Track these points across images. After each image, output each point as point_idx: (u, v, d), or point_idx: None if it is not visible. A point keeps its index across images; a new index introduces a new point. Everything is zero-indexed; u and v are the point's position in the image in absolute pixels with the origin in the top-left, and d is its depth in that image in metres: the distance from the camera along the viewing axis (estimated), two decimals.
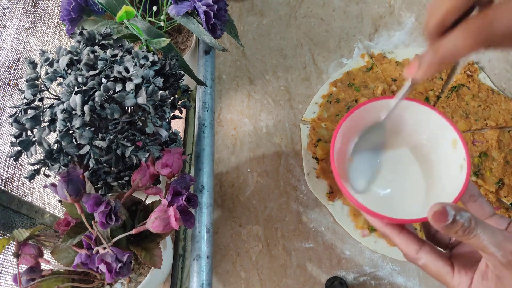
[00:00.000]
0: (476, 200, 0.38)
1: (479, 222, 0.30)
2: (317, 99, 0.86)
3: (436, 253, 0.35)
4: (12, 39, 0.62)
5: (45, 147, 0.46)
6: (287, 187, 0.78)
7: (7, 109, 0.57)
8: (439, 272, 0.35)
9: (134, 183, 0.50)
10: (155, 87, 0.47)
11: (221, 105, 0.88)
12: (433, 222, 0.30)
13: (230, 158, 0.82)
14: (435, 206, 0.30)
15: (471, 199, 0.38)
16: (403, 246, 0.36)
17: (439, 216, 0.30)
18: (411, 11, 0.94)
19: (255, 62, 0.92)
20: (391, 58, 0.87)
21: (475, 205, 0.38)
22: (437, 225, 0.30)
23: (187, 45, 0.72)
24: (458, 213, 0.30)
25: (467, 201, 0.38)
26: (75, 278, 0.50)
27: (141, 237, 0.52)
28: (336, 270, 0.70)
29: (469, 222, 0.30)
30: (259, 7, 0.99)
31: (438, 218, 0.30)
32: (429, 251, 0.35)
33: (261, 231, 0.75)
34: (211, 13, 0.60)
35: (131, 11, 0.55)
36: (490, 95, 0.81)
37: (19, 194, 0.56)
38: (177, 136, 0.60)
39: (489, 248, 0.30)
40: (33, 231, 0.47)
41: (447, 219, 0.29)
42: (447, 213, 0.29)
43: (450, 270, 0.34)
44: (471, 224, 0.30)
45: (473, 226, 0.30)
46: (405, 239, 0.36)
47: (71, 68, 0.48)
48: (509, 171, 0.73)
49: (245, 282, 0.71)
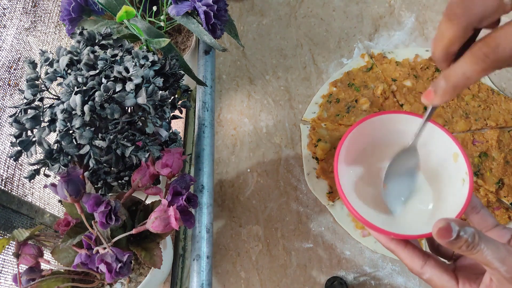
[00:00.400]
0: (478, 212, 0.38)
1: (483, 237, 0.31)
2: (317, 99, 0.86)
3: (440, 267, 0.36)
4: (12, 39, 0.62)
5: (45, 147, 0.46)
6: (287, 187, 0.78)
7: (7, 109, 0.57)
8: (444, 286, 0.35)
9: (134, 183, 0.50)
10: (155, 87, 0.47)
11: (221, 105, 0.88)
12: (437, 238, 0.30)
13: (230, 158, 0.82)
14: (439, 222, 0.30)
15: (473, 211, 0.38)
16: (408, 261, 0.37)
17: (444, 232, 0.30)
18: (411, 11, 0.94)
19: (255, 62, 0.92)
20: (391, 58, 0.87)
21: (477, 217, 0.38)
22: (442, 240, 0.30)
23: (187, 45, 0.72)
24: (462, 228, 0.30)
25: (470, 213, 0.38)
26: (75, 278, 0.50)
27: (141, 237, 0.52)
28: (336, 270, 0.70)
29: (472, 238, 0.30)
30: (259, 7, 0.99)
31: (443, 234, 0.30)
32: (434, 265, 0.36)
33: (261, 231, 0.75)
34: (211, 13, 0.60)
35: (131, 11, 0.55)
36: (490, 95, 0.81)
37: (19, 194, 0.56)
38: (177, 136, 0.60)
39: (493, 263, 0.30)
40: (33, 231, 0.47)
41: (451, 235, 0.30)
42: (451, 229, 0.30)
43: (455, 284, 0.35)
44: (475, 239, 0.30)
45: (477, 242, 0.30)
46: (410, 254, 0.37)
47: (71, 68, 0.48)
48: (509, 171, 0.73)
49: (245, 282, 0.71)
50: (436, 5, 0.94)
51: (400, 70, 0.85)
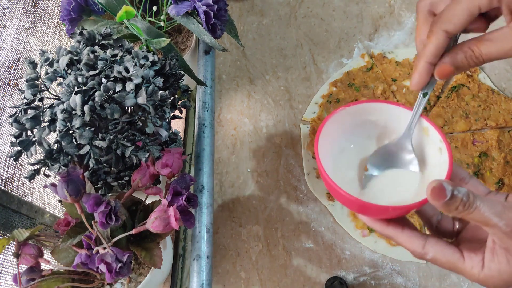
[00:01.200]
0: (468, 182, 0.38)
1: (477, 195, 0.31)
2: (317, 99, 0.86)
3: (442, 243, 0.35)
4: (12, 39, 0.62)
5: (45, 147, 0.46)
6: (287, 187, 0.78)
7: (7, 109, 0.57)
8: (450, 261, 0.34)
9: (134, 183, 0.50)
10: (155, 87, 0.47)
11: (221, 105, 0.88)
12: (432, 200, 0.30)
13: (230, 158, 0.82)
14: (432, 183, 0.30)
15: (462, 181, 0.38)
16: (408, 244, 0.36)
17: (438, 192, 0.30)
18: (411, 11, 0.94)
19: (255, 62, 0.92)
20: (391, 58, 0.87)
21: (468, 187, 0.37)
22: (437, 202, 0.30)
23: (187, 45, 0.72)
24: (455, 188, 0.30)
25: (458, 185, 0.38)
26: (75, 278, 0.50)
27: (141, 237, 0.52)
28: (336, 270, 0.70)
29: (467, 196, 0.30)
30: (259, 7, 0.99)
31: (437, 194, 0.30)
32: (435, 242, 0.35)
33: (261, 231, 0.75)
34: (211, 13, 0.60)
35: (131, 11, 0.55)
36: (490, 95, 0.81)
37: (19, 194, 0.56)
38: (177, 136, 0.60)
39: (492, 219, 0.30)
40: (33, 231, 0.47)
41: (445, 195, 0.30)
42: (444, 189, 0.30)
43: (460, 256, 0.34)
44: (470, 197, 0.30)
45: (472, 200, 0.30)
46: (408, 236, 0.36)
47: (71, 68, 0.48)
48: (509, 171, 0.73)
49: (245, 282, 0.71)
50: None
51: (400, 70, 0.85)
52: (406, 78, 0.84)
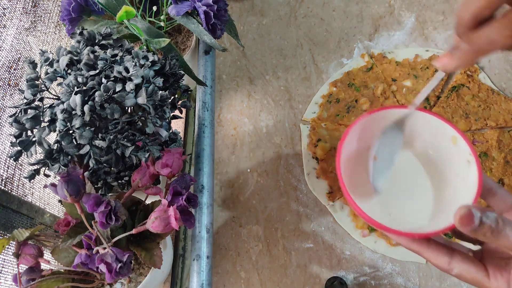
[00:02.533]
0: (495, 193, 0.36)
1: (507, 221, 0.30)
2: (317, 99, 0.86)
3: (468, 260, 0.35)
4: (12, 39, 0.62)
5: (45, 147, 0.46)
6: (287, 187, 0.78)
7: (7, 109, 0.57)
8: (475, 278, 0.34)
9: (134, 183, 0.50)
10: (155, 87, 0.47)
11: (221, 105, 0.88)
12: (460, 227, 0.30)
13: (230, 158, 0.82)
14: (460, 210, 0.29)
15: (490, 193, 0.37)
16: (434, 260, 0.35)
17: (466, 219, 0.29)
18: (411, 11, 0.94)
19: (255, 62, 0.92)
20: (391, 58, 0.87)
21: (495, 199, 0.36)
22: (464, 228, 0.29)
23: (187, 45, 0.72)
24: (484, 214, 0.29)
25: (486, 195, 0.37)
26: (75, 278, 0.50)
27: (141, 237, 0.52)
28: (336, 270, 0.70)
29: (496, 223, 0.29)
30: (259, 7, 0.99)
31: (465, 221, 0.29)
32: (461, 259, 0.35)
33: (261, 231, 0.75)
34: (211, 13, 0.60)
35: (131, 11, 0.55)
36: (490, 95, 0.81)
37: (19, 194, 0.56)
38: (177, 136, 0.60)
39: None
40: (33, 231, 0.47)
41: (473, 222, 0.29)
42: (473, 216, 0.29)
43: (485, 274, 0.34)
44: (499, 224, 0.29)
45: (501, 227, 0.29)
46: (434, 253, 0.35)
47: (71, 68, 0.48)
48: (509, 171, 0.73)
49: (245, 282, 0.71)
50: (436, 5, 0.94)
51: (400, 70, 0.85)
52: (406, 78, 0.84)
